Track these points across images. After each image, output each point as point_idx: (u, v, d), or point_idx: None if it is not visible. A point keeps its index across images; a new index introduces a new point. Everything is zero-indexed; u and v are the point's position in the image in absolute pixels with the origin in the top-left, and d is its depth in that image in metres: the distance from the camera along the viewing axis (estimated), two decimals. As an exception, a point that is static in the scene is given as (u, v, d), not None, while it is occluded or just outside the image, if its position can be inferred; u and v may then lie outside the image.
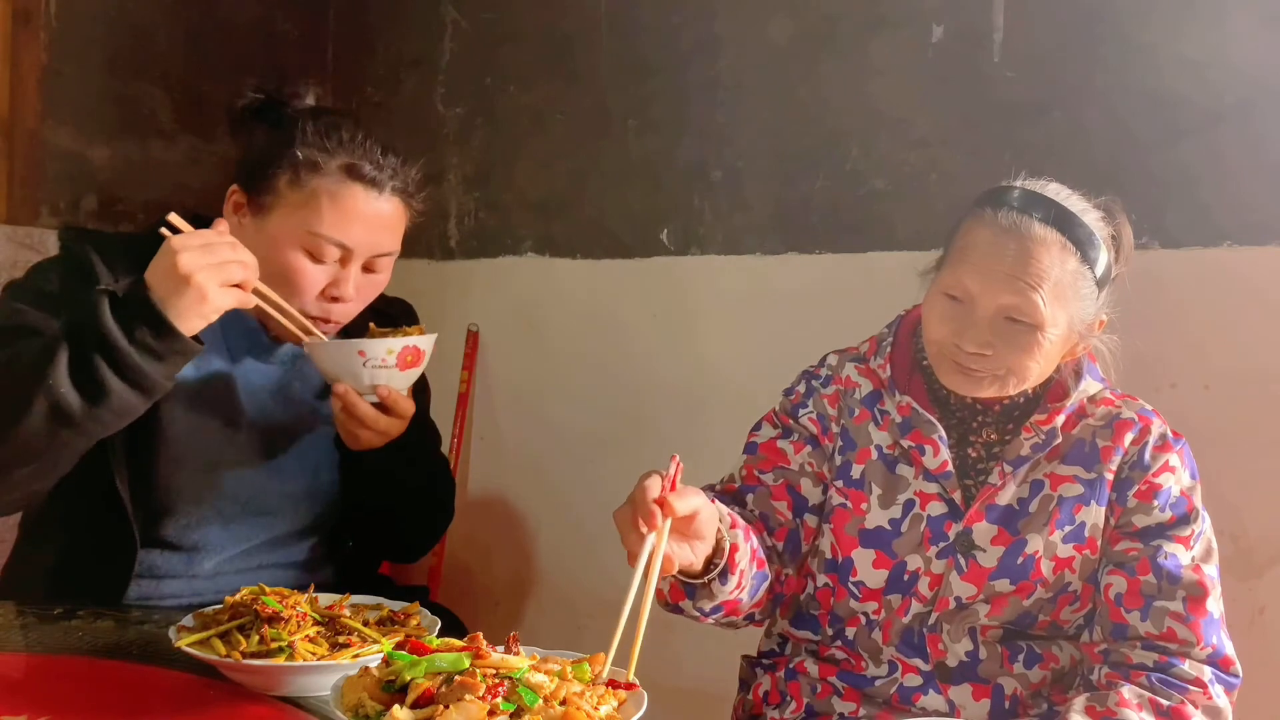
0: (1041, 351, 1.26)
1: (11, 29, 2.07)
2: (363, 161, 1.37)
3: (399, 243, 1.44)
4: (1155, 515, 1.29)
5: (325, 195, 1.35)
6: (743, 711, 1.51)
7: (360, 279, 1.40)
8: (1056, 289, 1.25)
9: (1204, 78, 1.65)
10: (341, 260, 1.37)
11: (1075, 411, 1.34)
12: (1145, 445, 1.32)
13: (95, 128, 2.20)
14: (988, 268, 1.25)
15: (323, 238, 1.34)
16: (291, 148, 1.35)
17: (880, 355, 1.42)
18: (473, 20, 2.42)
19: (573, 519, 2.26)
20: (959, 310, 1.28)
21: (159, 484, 1.37)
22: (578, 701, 0.89)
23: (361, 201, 1.37)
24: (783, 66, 2.02)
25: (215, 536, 1.41)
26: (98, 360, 1.17)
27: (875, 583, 1.35)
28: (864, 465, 1.38)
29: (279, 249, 1.35)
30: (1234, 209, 1.63)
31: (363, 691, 0.91)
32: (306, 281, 1.36)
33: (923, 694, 1.32)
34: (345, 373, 1.34)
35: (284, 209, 1.36)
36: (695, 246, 2.13)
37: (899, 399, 1.37)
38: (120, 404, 1.20)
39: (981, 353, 1.26)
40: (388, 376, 1.35)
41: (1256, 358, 1.60)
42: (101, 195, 2.22)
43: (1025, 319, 1.24)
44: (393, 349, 1.34)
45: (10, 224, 2.07)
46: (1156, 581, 1.26)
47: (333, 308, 1.39)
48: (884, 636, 1.35)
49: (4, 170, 2.08)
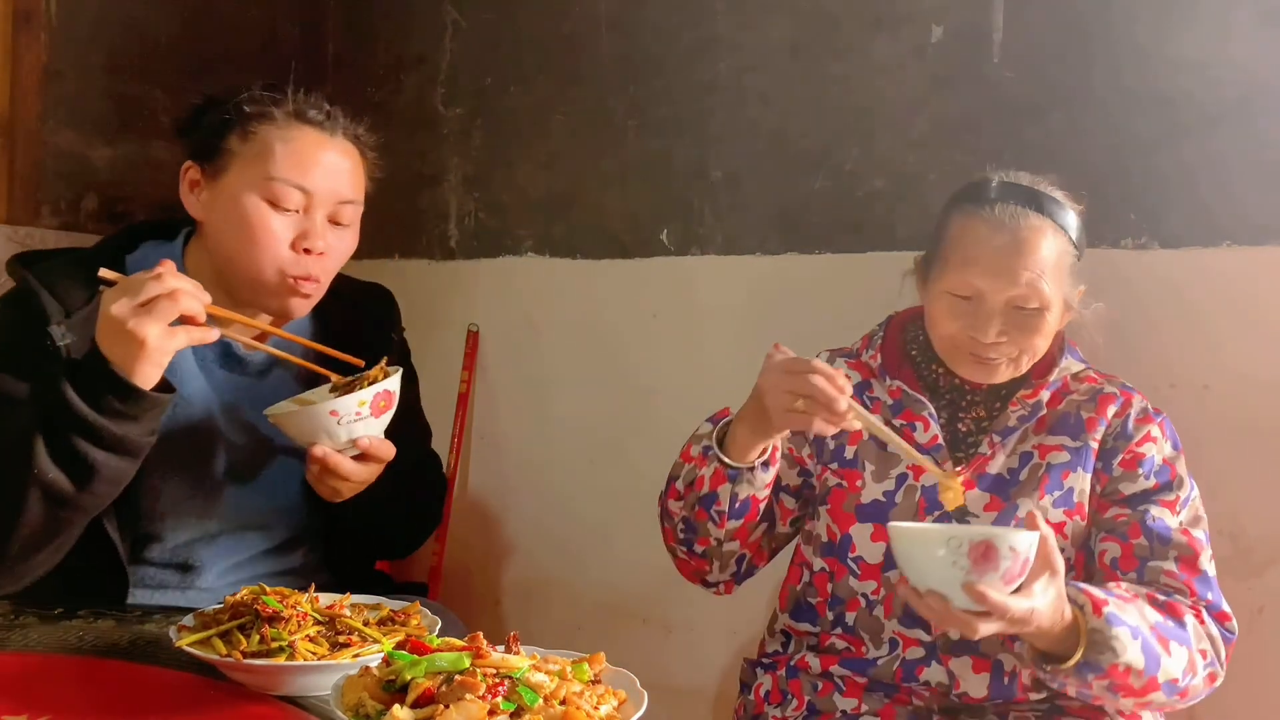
0: (1048, 328, 1.35)
1: (11, 29, 2.07)
2: (309, 108, 1.36)
3: (360, 193, 1.42)
4: (1140, 483, 1.35)
5: (277, 140, 1.34)
6: (744, 712, 1.52)
7: (329, 232, 1.36)
8: (1054, 271, 1.33)
9: (1203, 77, 1.65)
10: (305, 209, 1.34)
11: (1060, 388, 1.42)
12: (1128, 417, 1.39)
13: (95, 128, 2.20)
14: (993, 265, 1.32)
15: (280, 180, 1.32)
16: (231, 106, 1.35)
17: (871, 348, 1.50)
18: (473, 20, 2.42)
19: (573, 518, 2.26)
20: (968, 306, 1.34)
21: (141, 511, 1.35)
22: (577, 701, 0.89)
23: (314, 144, 1.35)
24: (783, 66, 2.02)
25: (203, 554, 1.40)
26: (75, 439, 1.15)
27: (874, 557, 1.38)
28: (856, 446, 1.44)
29: (238, 205, 1.33)
30: (1234, 209, 1.63)
31: (363, 691, 0.91)
32: (271, 233, 1.33)
33: (925, 666, 1.35)
34: (321, 435, 1.28)
35: (238, 164, 1.34)
36: (695, 246, 2.13)
37: (889, 383, 1.44)
38: (111, 473, 1.19)
39: (998, 342, 1.33)
40: (365, 428, 1.28)
41: (1256, 358, 1.60)
42: (101, 195, 2.22)
43: (1033, 305, 1.32)
44: (364, 400, 1.27)
45: (10, 224, 2.07)
46: (1148, 544, 1.32)
47: (310, 262, 1.35)
48: (885, 612, 1.38)
49: (4, 170, 2.08)
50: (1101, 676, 1.21)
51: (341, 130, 1.39)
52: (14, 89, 2.08)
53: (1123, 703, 1.26)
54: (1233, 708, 1.60)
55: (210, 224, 1.38)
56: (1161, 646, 1.23)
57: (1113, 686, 1.22)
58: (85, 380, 1.16)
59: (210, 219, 1.37)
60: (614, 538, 2.20)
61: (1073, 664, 1.20)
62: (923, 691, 1.36)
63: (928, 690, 1.35)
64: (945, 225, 1.41)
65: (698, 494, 1.35)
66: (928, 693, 1.36)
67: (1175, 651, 1.24)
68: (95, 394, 1.16)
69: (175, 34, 2.32)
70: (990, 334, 1.32)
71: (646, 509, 2.15)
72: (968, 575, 1.07)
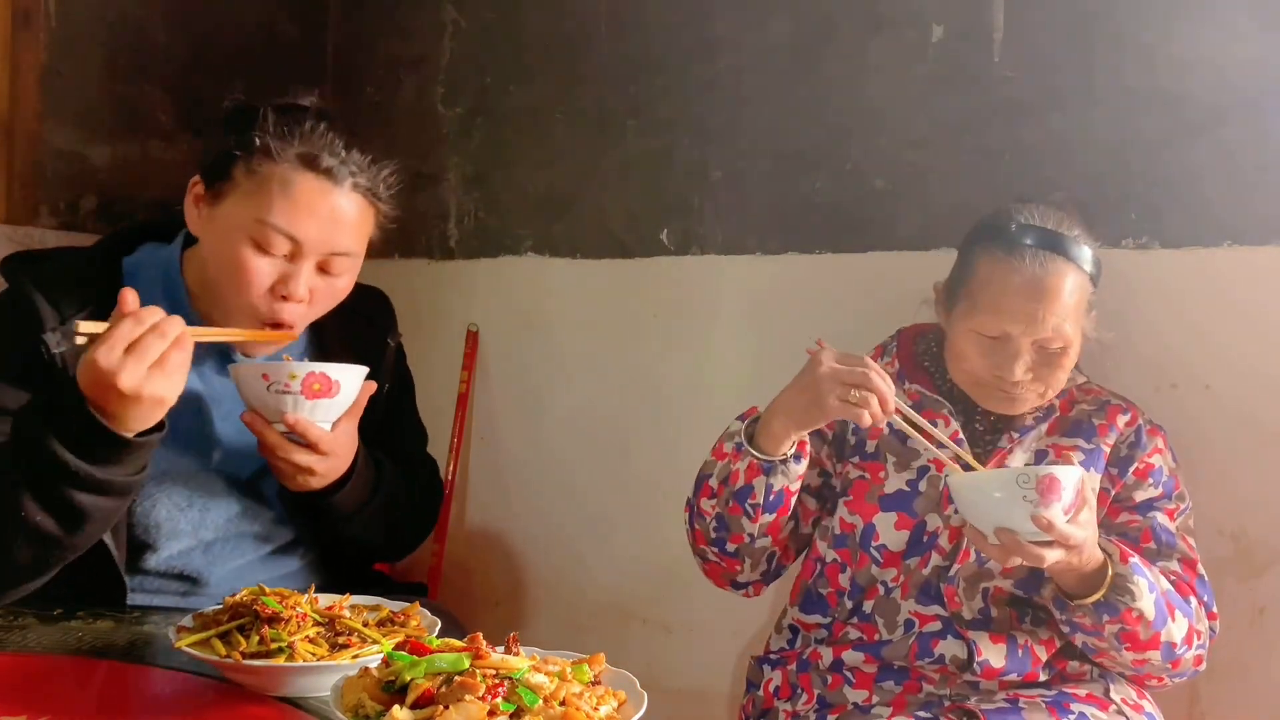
0: (1070, 363, 1.43)
1: (11, 29, 2.07)
2: (321, 152, 1.29)
3: (361, 245, 1.36)
4: (1149, 490, 1.44)
5: (276, 183, 1.28)
6: (752, 709, 1.54)
7: (314, 280, 1.32)
8: (1075, 310, 1.41)
9: (1204, 77, 1.65)
10: (291, 255, 1.30)
11: (1068, 397, 1.50)
12: (1139, 428, 1.47)
13: (95, 128, 2.20)
14: (1022, 312, 1.38)
15: (270, 226, 1.27)
16: (246, 132, 1.30)
17: (887, 355, 1.57)
18: (473, 20, 2.42)
19: (573, 519, 2.26)
20: (996, 346, 1.42)
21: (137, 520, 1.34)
22: (577, 702, 0.88)
23: (315, 193, 1.29)
24: (783, 66, 2.02)
25: (200, 562, 1.39)
26: (60, 486, 1.12)
27: (896, 545, 1.44)
28: (877, 440, 1.50)
29: (227, 239, 1.29)
30: (1235, 208, 1.63)
31: (363, 692, 0.91)
32: (251, 275, 1.28)
33: (940, 639, 1.40)
34: (253, 398, 1.26)
35: (236, 196, 1.30)
36: (695, 246, 2.13)
37: (908, 386, 1.52)
38: (100, 515, 1.17)
39: (1024, 380, 1.41)
40: (294, 404, 1.25)
41: (1257, 358, 1.60)
42: (101, 195, 2.22)
43: (1057, 345, 1.40)
44: (295, 374, 1.23)
45: (10, 224, 2.07)
46: (1157, 547, 1.40)
47: (282, 307, 1.31)
48: (902, 593, 1.43)
49: (4, 170, 2.07)
50: (1115, 619, 1.29)
51: (350, 181, 1.32)
52: (13, 89, 2.08)
53: (1124, 655, 1.33)
54: (1234, 708, 1.60)
55: (204, 243, 1.36)
56: (1169, 611, 1.32)
57: (1121, 634, 1.31)
58: (69, 427, 1.11)
59: (204, 239, 1.35)
60: (614, 538, 2.20)
61: (1092, 600, 1.29)
62: (934, 674, 1.39)
63: (940, 670, 1.38)
64: (970, 263, 1.45)
65: (732, 488, 1.39)
66: (939, 673, 1.38)
67: (1179, 620, 1.33)
68: (79, 442, 1.12)
69: (175, 34, 2.31)
70: (1017, 374, 1.39)
71: (646, 509, 2.16)
72: (1035, 508, 1.19)
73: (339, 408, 1.30)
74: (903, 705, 1.38)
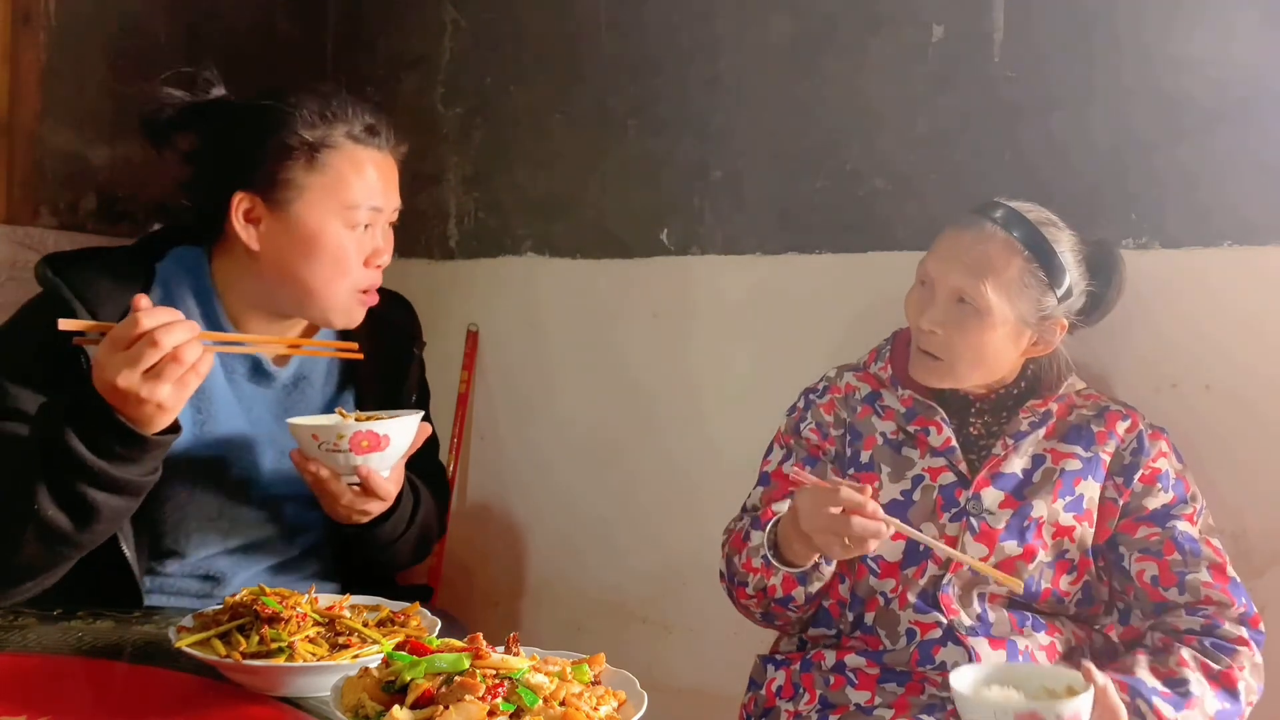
0: (988, 339, 1.41)
1: (11, 29, 2.07)
2: (361, 121, 1.38)
3: None
4: (1160, 497, 1.42)
5: (349, 167, 1.36)
6: (754, 707, 1.54)
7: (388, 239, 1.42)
8: (1004, 283, 1.40)
9: (1204, 77, 1.64)
10: (369, 224, 1.38)
11: (1066, 402, 1.49)
12: (1140, 433, 1.45)
13: (95, 128, 2.19)
14: (945, 254, 1.44)
15: (359, 207, 1.35)
16: (289, 135, 1.33)
17: (880, 360, 1.57)
18: (473, 20, 2.42)
19: (573, 519, 2.26)
20: (925, 293, 1.45)
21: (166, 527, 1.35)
22: (577, 702, 0.88)
23: (377, 163, 1.39)
24: (783, 66, 2.02)
25: (223, 565, 1.40)
26: (76, 482, 1.14)
27: (893, 555, 1.44)
28: (871, 450, 1.50)
29: (320, 235, 1.34)
30: (1234, 209, 1.63)
31: (363, 692, 0.91)
32: (354, 255, 1.37)
33: (941, 646, 1.40)
34: (310, 454, 1.29)
35: (310, 194, 1.34)
36: (695, 246, 2.13)
37: (901, 392, 1.52)
38: (111, 513, 1.18)
39: (934, 330, 1.41)
40: (345, 461, 1.27)
41: (1256, 357, 1.60)
42: (101, 195, 2.22)
43: (972, 301, 1.40)
44: (343, 434, 1.26)
45: (10, 224, 2.07)
46: (1182, 558, 1.39)
47: (377, 274, 1.41)
48: (901, 603, 1.43)
49: (3, 170, 2.07)
50: None
51: (385, 136, 1.41)
52: (13, 89, 2.08)
53: None
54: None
55: (273, 252, 1.35)
56: None
57: None
58: (86, 424, 1.13)
59: (273, 248, 1.35)
60: (614, 537, 2.20)
61: None
62: (936, 677, 1.39)
63: (943, 674, 1.38)
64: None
65: (772, 598, 1.43)
66: (942, 678, 1.38)
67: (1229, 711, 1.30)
68: (96, 438, 1.13)
69: (175, 34, 2.31)
70: (930, 320, 1.42)
71: (646, 508, 2.16)
72: None
73: (391, 458, 1.32)
74: (905, 707, 1.38)
